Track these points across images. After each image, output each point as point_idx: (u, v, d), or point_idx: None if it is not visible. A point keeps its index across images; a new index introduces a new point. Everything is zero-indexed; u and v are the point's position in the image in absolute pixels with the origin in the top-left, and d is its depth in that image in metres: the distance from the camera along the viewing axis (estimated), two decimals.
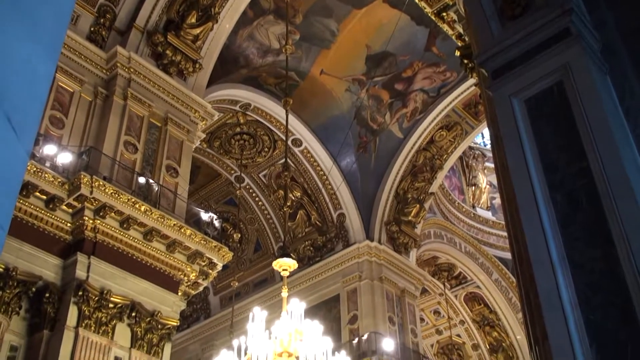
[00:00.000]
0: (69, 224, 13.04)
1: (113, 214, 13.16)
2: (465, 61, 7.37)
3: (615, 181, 2.72)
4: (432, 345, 30.35)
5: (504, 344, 29.36)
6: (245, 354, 8.40)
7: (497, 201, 28.81)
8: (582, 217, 2.50)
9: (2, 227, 1.37)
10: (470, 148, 28.96)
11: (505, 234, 25.43)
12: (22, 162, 1.47)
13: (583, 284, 2.26)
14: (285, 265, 9.68)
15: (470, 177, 29.31)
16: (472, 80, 16.02)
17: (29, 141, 1.49)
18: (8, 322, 11.57)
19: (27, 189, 12.31)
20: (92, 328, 12.20)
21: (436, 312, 29.97)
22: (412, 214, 23.32)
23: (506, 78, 3.80)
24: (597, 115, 3.13)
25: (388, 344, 19.92)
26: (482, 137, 30.41)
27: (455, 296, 29.48)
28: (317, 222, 23.13)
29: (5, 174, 1.39)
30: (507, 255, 27.37)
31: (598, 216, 2.45)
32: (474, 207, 28.93)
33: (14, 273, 11.78)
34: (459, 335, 30.05)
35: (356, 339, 20.29)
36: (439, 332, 30.21)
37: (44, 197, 12.70)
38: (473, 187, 29.26)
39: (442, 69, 21.74)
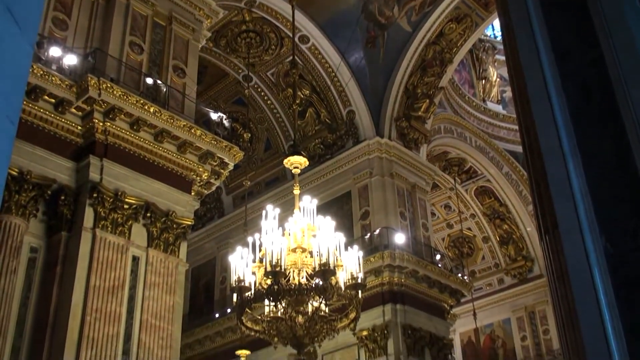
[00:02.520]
0: (79, 127, 13.07)
1: (122, 115, 13.16)
2: None
3: (628, 70, 2.68)
4: (443, 239, 30.88)
5: (514, 236, 29.83)
6: (260, 250, 8.57)
7: (508, 94, 28.56)
8: (595, 107, 2.47)
9: (12, 122, 1.36)
10: (481, 40, 28.44)
11: (515, 127, 25.37)
12: (27, 55, 1.45)
13: (594, 174, 2.27)
14: (296, 162, 9.72)
15: (481, 70, 28.94)
16: None
17: (32, 34, 1.47)
18: (27, 225, 11.81)
19: (35, 92, 12.28)
20: (109, 229, 12.44)
21: (447, 207, 30.32)
22: (422, 109, 23.19)
23: None
24: (611, 2, 3.05)
25: (400, 239, 20.27)
26: (492, 29, 29.82)
27: (466, 190, 29.72)
28: (327, 120, 23.08)
29: (11, 67, 1.37)
30: (518, 148, 27.38)
31: (611, 106, 2.42)
32: (484, 100, 28.72)
33: (28, 177, 11.93)
34: (469, 229, 30.49)
35: (368, 235, 20.64)
36: (449, 226, 30.66)
37: (53, 100, 12.67)
38: (483, 81, 28.94)
39: None
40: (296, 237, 8.71)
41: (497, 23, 26.29)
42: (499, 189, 29.20)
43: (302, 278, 8.28)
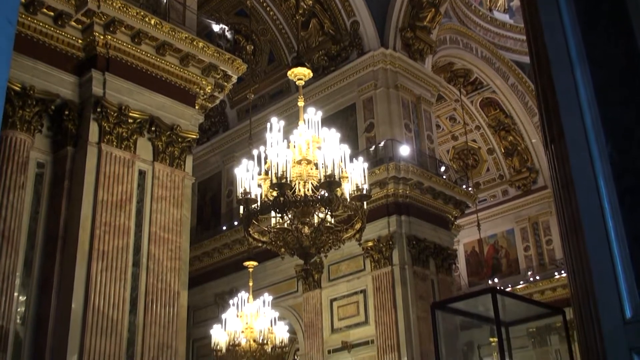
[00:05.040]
0: (80, 41, 12.91)
1: (123, 28, 12.98)
2: None
3: None
4: (448, 151, 30.93)
5: (519, 148, 29.85)
6: (265, 162, 8.59)
7: (515, 3, 27.97)
8: (604, 14, 2.41)
9: (11, 22, 1.34)
10: None
11: (522, 37, 24.98)
12: None
13: (601, 82, 2.23)
14: (300, 74, 9.60)
15: None
16: None
17: None
18: (32, 140, 11.84)
19: (33, 5, 12.07)
20: (114, 143, 12.48)
21: (452, 118, 30.21)
22: (427, 19, 22.77)
23: None
24: None
25: (404, 151, 20.31)
26: None
27: (471, 102, 29.55)
28: (331, 31, 22.71)
29: None
30: (524, 59, 27.04)
31: (620, 11, 2.37)
32: (490, 10, 28.16)
33: (31, 92, 11.87)
34: (474, 141, 30.49)
35: (373, 147, 20.67)
36: (454, 137, 30.64)
37: (52, 13, 12.47)
38: None
39: None
40: (301, 149, 8.71)
41: None
42: (504, 101, 29.02)
43: (308, 190, 8.34)
